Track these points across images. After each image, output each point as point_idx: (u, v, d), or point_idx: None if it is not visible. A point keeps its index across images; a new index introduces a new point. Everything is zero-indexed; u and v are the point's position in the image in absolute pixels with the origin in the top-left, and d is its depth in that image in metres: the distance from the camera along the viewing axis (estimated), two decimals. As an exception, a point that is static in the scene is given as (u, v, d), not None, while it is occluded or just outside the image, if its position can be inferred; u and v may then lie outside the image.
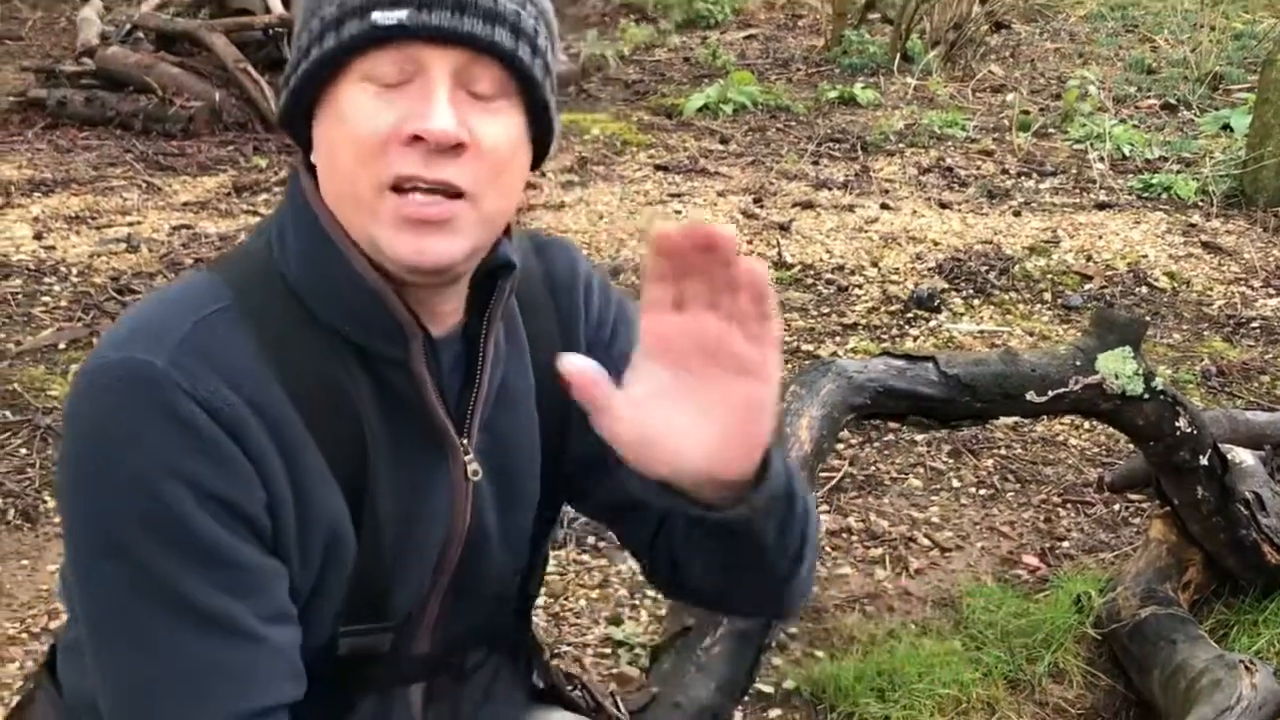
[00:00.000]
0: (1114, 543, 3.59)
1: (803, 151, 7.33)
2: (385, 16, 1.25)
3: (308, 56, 1.31)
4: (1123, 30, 10.64)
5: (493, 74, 1.29)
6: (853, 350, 4.61)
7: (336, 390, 1.35)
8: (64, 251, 5.34)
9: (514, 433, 1.52)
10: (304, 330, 1.34)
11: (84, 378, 1.29)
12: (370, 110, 1.27)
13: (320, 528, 1.35)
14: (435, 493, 1.44)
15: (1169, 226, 6.11)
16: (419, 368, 1.37)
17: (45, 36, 10.92)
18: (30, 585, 3.21)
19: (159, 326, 1.29)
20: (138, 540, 1.25)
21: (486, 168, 1.29)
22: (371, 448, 1.38)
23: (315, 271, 1.35)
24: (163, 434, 1.24)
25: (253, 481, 1.29)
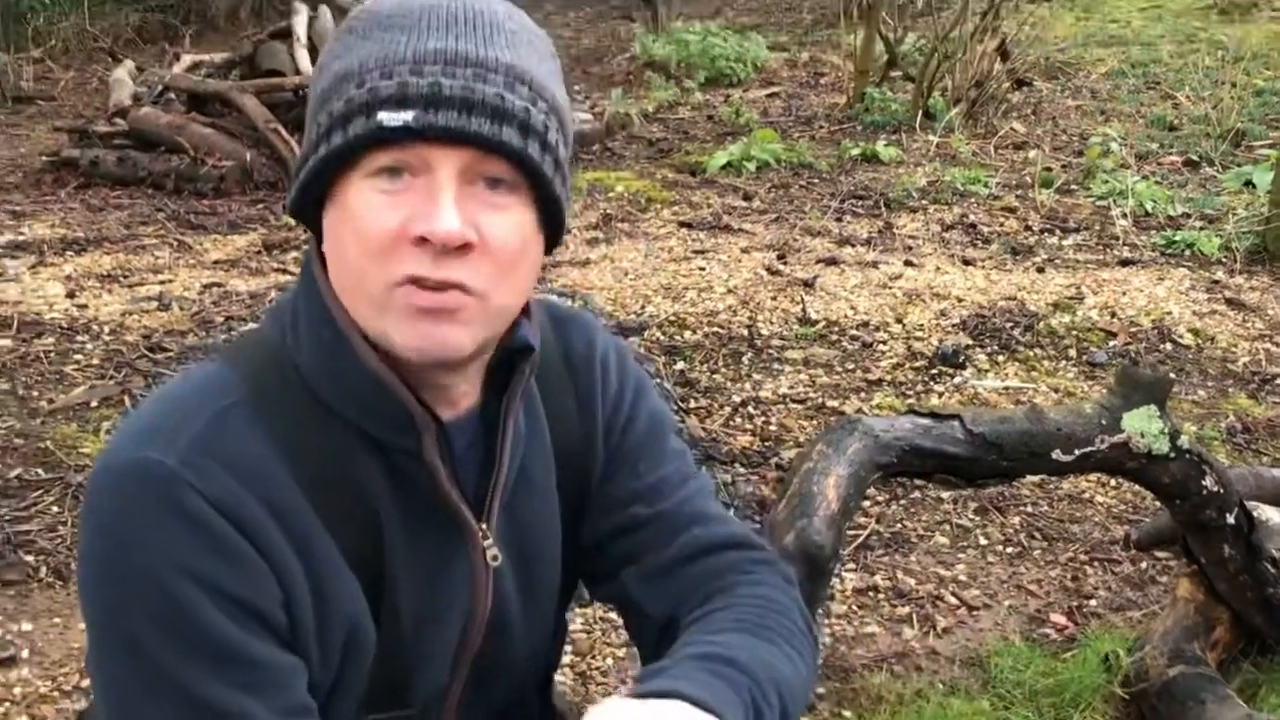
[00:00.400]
0: (1141, 601, 3.58)
1: (826, 208, 7.38)
2: (391, 117, 1.25)
3: (316, 151, 1.31)
4: (1144, 87, 10.67)
5: (501, 171, 1.29)
6: (878, 407, 4.63)
7: (351, 481, 1.36)
8: (96, 310, 5.40)
9: (534, 515, 1.53)
10: (317, 421, 1.35)
11: (99, 476, 1.30)
12: (377, 209, 1.27)
13: (339, 621, 1.36)
14: (455, 580, 1.45)
15: (1193, 283, 6.12)
16: (432, 458, 1.37)
17: (78, 97, 11.08)
18: (62, 643, 3.23)
19: (172, 424, 1.30)
20: (150, 637, 1.25)
21: (495, 265, 1.29)
22: (388, 538, 1.38)
23: (326, 362, 1.35)
24: (175, 533, 1.25)
25: (267, 579, 1.29)
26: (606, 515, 1.58)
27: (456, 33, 1.28)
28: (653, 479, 1.59)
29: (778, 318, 5.50)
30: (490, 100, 1.26)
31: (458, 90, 1.25)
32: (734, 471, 4.20)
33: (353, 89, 1.28)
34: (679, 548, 1.55)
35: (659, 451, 1.62)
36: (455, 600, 1.45)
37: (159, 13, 14.43)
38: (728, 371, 4.98)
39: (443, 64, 1.26)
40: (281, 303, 1.44)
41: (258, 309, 5.44)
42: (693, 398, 4.74)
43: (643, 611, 1.56)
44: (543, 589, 1.57)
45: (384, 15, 1.31)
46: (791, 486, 2.63)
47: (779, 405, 4.69)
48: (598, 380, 1.59)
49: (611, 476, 1.59)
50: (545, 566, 1.56)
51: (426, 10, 1.30)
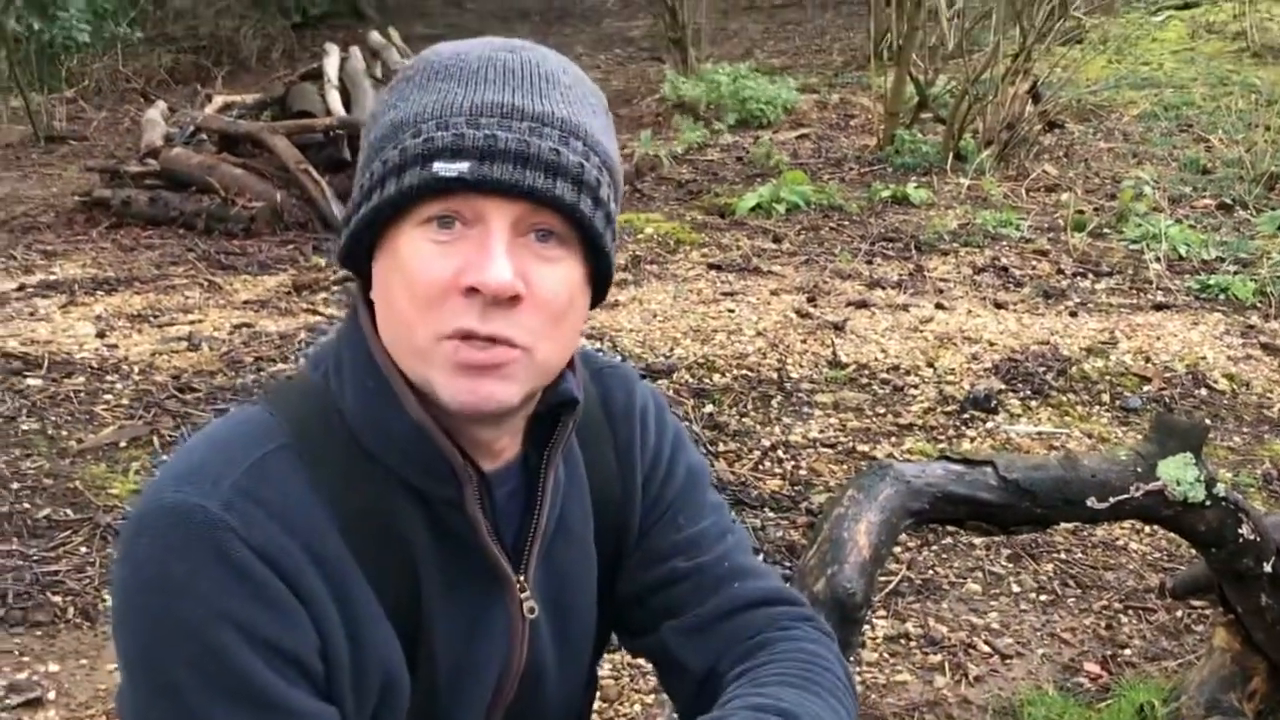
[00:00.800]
0: (1177, 650, 3.53)
1: (856, 251, 7.36)
2: (446, 168, 1.25)
3: (369, 200, 1.31)
4: (1176, 130, 10.63)
5: (553, 223, 1.29)
6: (909, 452, 4.59)
7: (391, 530, 1.35)
8: (126, 350, 5.41)
9: (571, 566, 1.52)
10: (359, 468, 1.34)
11: (139, 518, 1.29)
12: (428, 259, 1.27)
13: (375, 670, 1.35)
14: (491, 631, 1.44)
15: (1227, 328, 6.07)
16: (473, 510, 1.37)
17: (110, 137, 11.18)
18: (88, 685, 3.22)
19: (214, 468, 1.29)
20: (189, 684, 1.24)
21: (543, 318, 1.29)
22: (426, 587, 1.38)
23: (370, 410, 1.35)
24: (216, 579, 1.24)
25: (306, 627, 1.29)
26: (645, 569, 1.57)
27: (513, 86, 1.29)
28: (692, 532, 1.58)
29: (807, 361, 5.47)
30: (545, 154, 1.26)
31: (513, 143, 1.25)
32: (763, 516, 4.17)
33: (408, 138, 1.28)
34: (719, 603, 1.54)
35: (698, 504, 1.61)
36: (492, 651, 1.45)
37: (191, 54, 14.59)
38: (757, 415, 4.95)
39: (499, 116, 1.27)
40: (324, 348, 1.44)
41: (287, 349, 5.45)
42: (721, 441, 4.71)
43: (682, 666, 1.54)
44: (577, 640, 1.56)
45: (440, 66, 1.32)
46: (822, 532, 2.60)
47: (809, 449, 4.66)
48: (637, 432, 1.59)
49: (650, 529, 1.58)
50: (581, 618, 1.55)
51: (484, 63, 1.30)
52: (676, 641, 1.54)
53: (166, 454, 4.42)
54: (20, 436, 4.51)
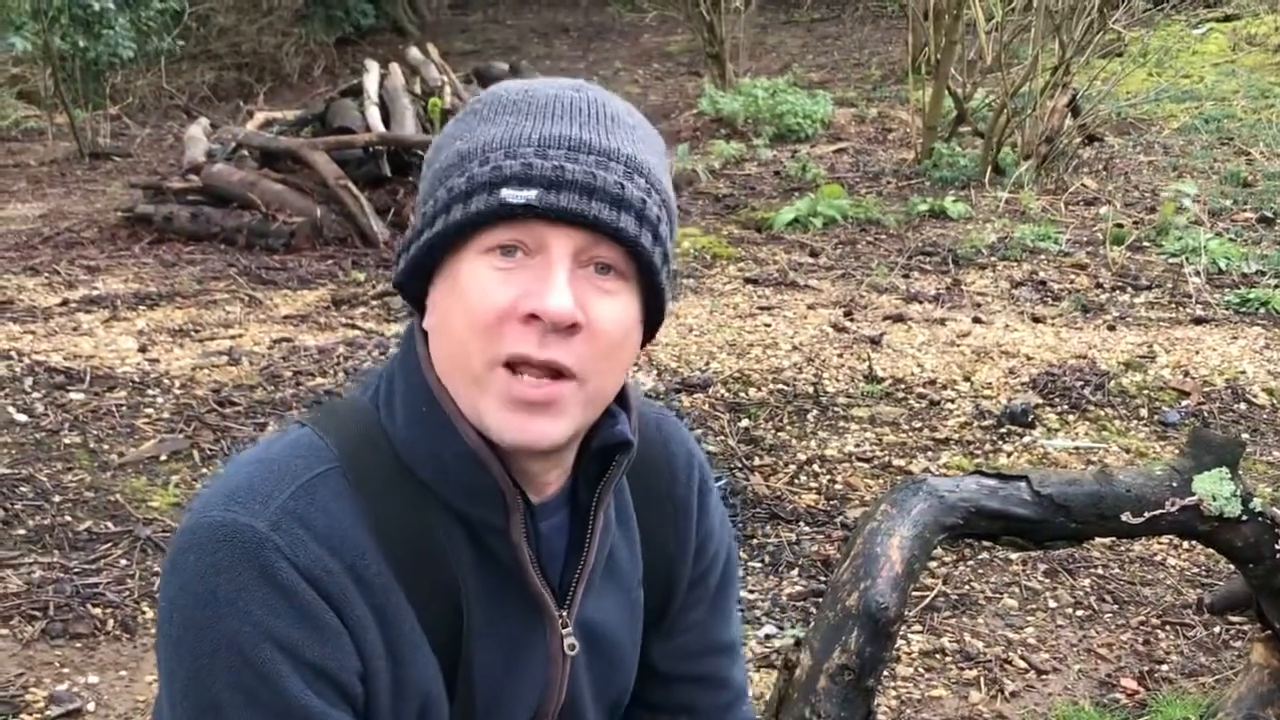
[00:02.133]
0: (1215, 666, 3.51)
1: (893, 265, 7.35)
2: (515, 195, 1.27)
3: (432, 226, 1.33)
4: (1217, 143, 10.56)
5: (613, 256, 1.31)
6: (945, 466, 4.58)
7: (437, 556, 1.37)
8: (167, 364, 5.46)
9: (616, 609, 1.54)
10: (407, 495, 1.36)
11: (187, 535, 1.31)
12: (489, 285, 1.29)
13: (414, 695, 1.37)
14: (531, 664, 1.45)
15: (1268, 342, 6.02)
16: (518, 538, 1.38)
17: (153, 153, 11.29)
18: (128, 696, 3.25)
19: (264, 489, 1.31)
20: (231, 703, 1.26)
21: (599, 349, 1.31)
22: (468, 615, 1.39)
23: (421, 437, 1.36)
24: (262, 599, 1.26)
25: (348, 650, 1.30)
26: (679, 652, 1.65)
27: (581, 122, 1.32)
28: (729, 637, 1.70)
29: (844, 375, 5.47)
30: (611, 187, 1.29)
31: (580, 174, 1.28)
32: (798, 530, 4.17)
33: (475, 166, 1.31)
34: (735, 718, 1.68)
35: (733, 597, 1.71)
36: (530, 684, 1.46)
37: (234, 70, 14.72)
38: (792, 429, 4.96)
39: (567, 149, 1.29)
40: (375, 373, 1.46)
41: (325, 364, 5.48)
42: (757, 455, 4.71)
43: None
44: (617, 682, 1.58)
45: (509, 101, 1.35)
46: (855, 547, 2.60)
47: (844, 464, 4.66)
48: (695, 496, 1.62)
49: (691, 607, 1.64)
50: (622, 661, 1.57)
51: (552, 99, 1.34)
52: None
53: (207, 468, 4.46)
54: (62, 450, 4.56)
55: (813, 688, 2.46)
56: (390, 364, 1.44)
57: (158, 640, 1.33)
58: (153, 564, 3.83)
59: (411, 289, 1.40)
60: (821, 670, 2.47)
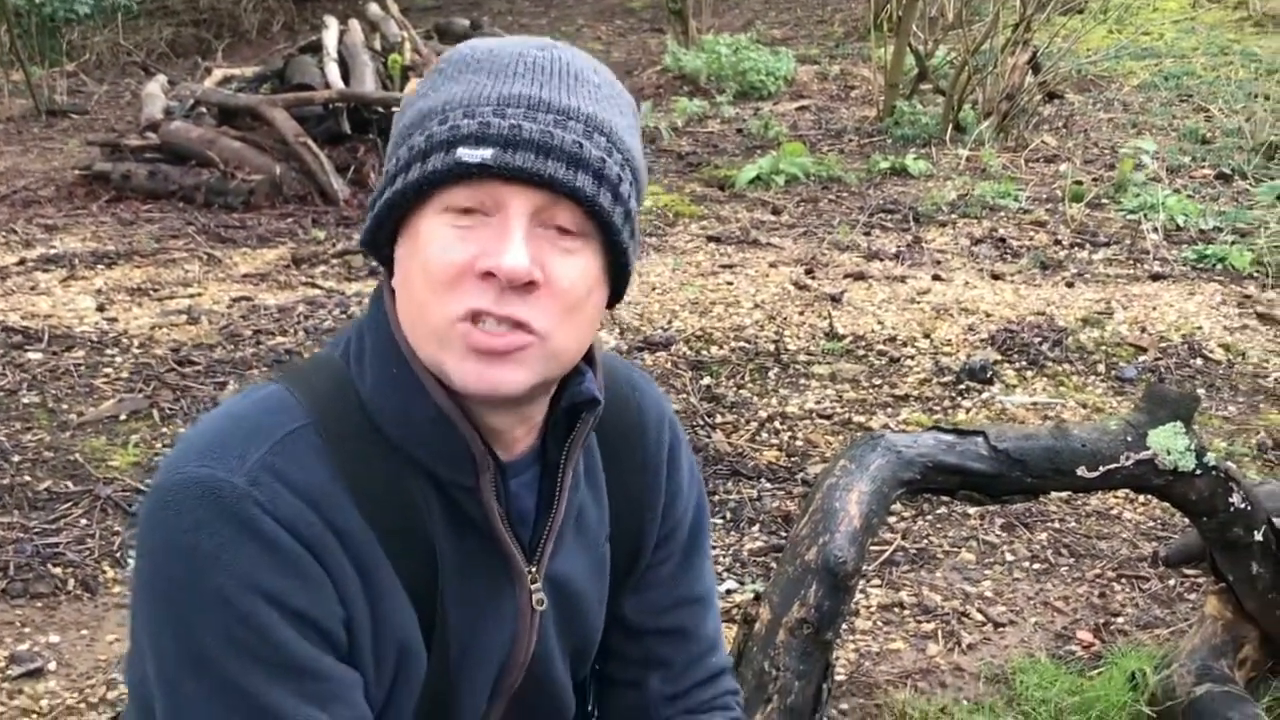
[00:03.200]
0: (1169, 619, 3.56)
1: (854, 222, 7.36)
2: (471, 154, 1.28)
3: (393, 184, 1.33)
4: (1176, 100, 10.61)
5: (572, 215, 1.32)
6: (904, 422, 4.61)
7: (410, 511, 1.38)
8: (126, 323, 5.43)
9: (584, 565, 1.56)
10: (378, 451, 1.37)
11: (163, 492, 1.31)
12: (448, 243, 1.30)
13: (393, 643, 1.38)
14: (500, 618, 1.47)
15: (1224, 298, 6.08)
16: (488, 497, 1.40)
17: (110, 111, 11.17)
18: (89, 655, 3.25)
19: (238, 445, 1.31)
20: (224, 656, 1.27)
21: (558, 307, 1.32)
22: (442, 571, 1.41)
23: (390, 396, 1.37)
24: (247, 552, 1.27)
25: (332, 598, 1.32)
26: (649, 606, 1.66)
27: (542, 80, 1.32)
28: (700, 590, 1.70)
29: (805, 333, 5.49)
30: (568, 147, 1.29)
31: (536, 134, 1.28)
32: (760, 487, 4.19)
33: (435, 125, 1.31)
34: (700, 672, 1.70)
35: (704, 552, 1.72)
36: (499, 638, 1.48)
37: (191, 27, 14.56)
38: (754, 386, 4.98)
39: (525, 108, 1.30)
40: (346, 330, 1.47)
41: (285, 323, 5.46)
42: (719, 413, 4.73)
43: (647, 709, 1.68)
44: (585, 637, 1.61)
45: (472, 60, 1.36)
46: (814, 502, 2.62)
47: (805, 421, 4.68)
48: (664, 455, 1.64)
49: (660, 563, 1.66)
50: (589, 616, 1.59)
51: (515, 58, 1.34)
52: (659, 692, 1.67)
53: (166, 427, 4.44)
54: (21, 409, 4.53)
55: (772, 641, 2.49)
56: (360, 321, 1.45)
57: (136, 599, 1.34)
58: (113, 523, 3.82)
59: (378, 247, 1.40)
60: (780, 624, 2.49)
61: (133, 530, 3.80)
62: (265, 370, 4.94)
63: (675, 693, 1.67)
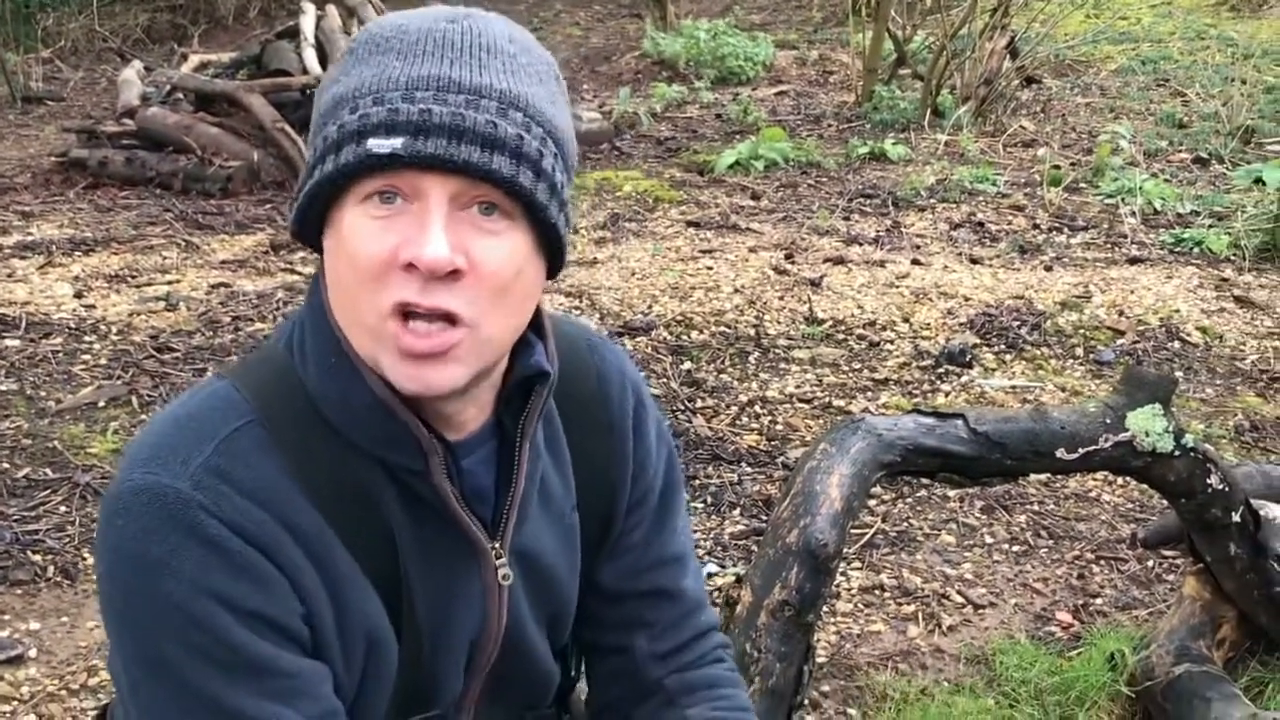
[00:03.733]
0: (1148, 600, 3.58)
1: (834, 207, 7.37)
2: (380, 144, 1.24)
3: (311, 176, 1.31)
4: (1154, 85, 10.65)
5: (494, 196, 1.28)
6: (884, 406, 4.63)
7: (364, 499, 1.37)
8: (104, 310, 5.41)
9: (551, 537, 1.55)
10: (327, 440, 1.36)
11: (113, 501, 1.31)
12: (368, 235, 1.27)
13: (360, 633, 1.38)
14: (467, 596, 1.47)
15: (1201, 281, 6.11)
16: (439, 480, 1.38)
17: (86, 97, 11.10)
18: (70, 642, 3.24)
19: (183, 449, 1.31)
20: (182, 661, 1.28)
21: (486, 291, 1.29)
22: (403, 555, 1.40)
23: (332, 385, 1.36)
24: (194, 557, 1.27)
25: (288, 595, 1.31)
26: (627, 571, 1.65)
27: (451, 58, 1.28)
28: (677, 549, 1.69)
29: (785, 317, 5.50)
30: (481, 128, 1.25)
31: (448, 117, 1.25)
32: (740, 471, 4.20)
33: (346, 114, 1.28)
34: (686, 631, 1.69)
35: (679, 513, 1.70)
36: (467, 617, 1.47)
37: (168, 12, 14.46)
38: (734, 371, 4.98)
39: (434, 90, 1.26)
40: (289, 320, 1.45)
41: (264, 309, 5.45)
42: (699, 397, 4.74)
43: (640, 674, 1.67)
44: (559, 608, 1.60)
45: (381, 39, 1.31)
46: (795, 485, 2.63)
47: (785, 405, 4.69)
48: (630, 420, 1.62)
49: (634, 528, 1.65)
50: (561, 587, 1.58)
51: (423, 34, 1.29)
52: (646, 653, 1.66)
53: (145, 414, 4.42)
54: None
55: (753, 623, 2.50)
56: (300, 311, 1.43)
57: (101, 604, 1.35)
58: (92, 510, 3.81)
59: (309, 237, 1.37)
60: (762, 606, 2.50)
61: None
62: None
63: (664, 651, 1.66)
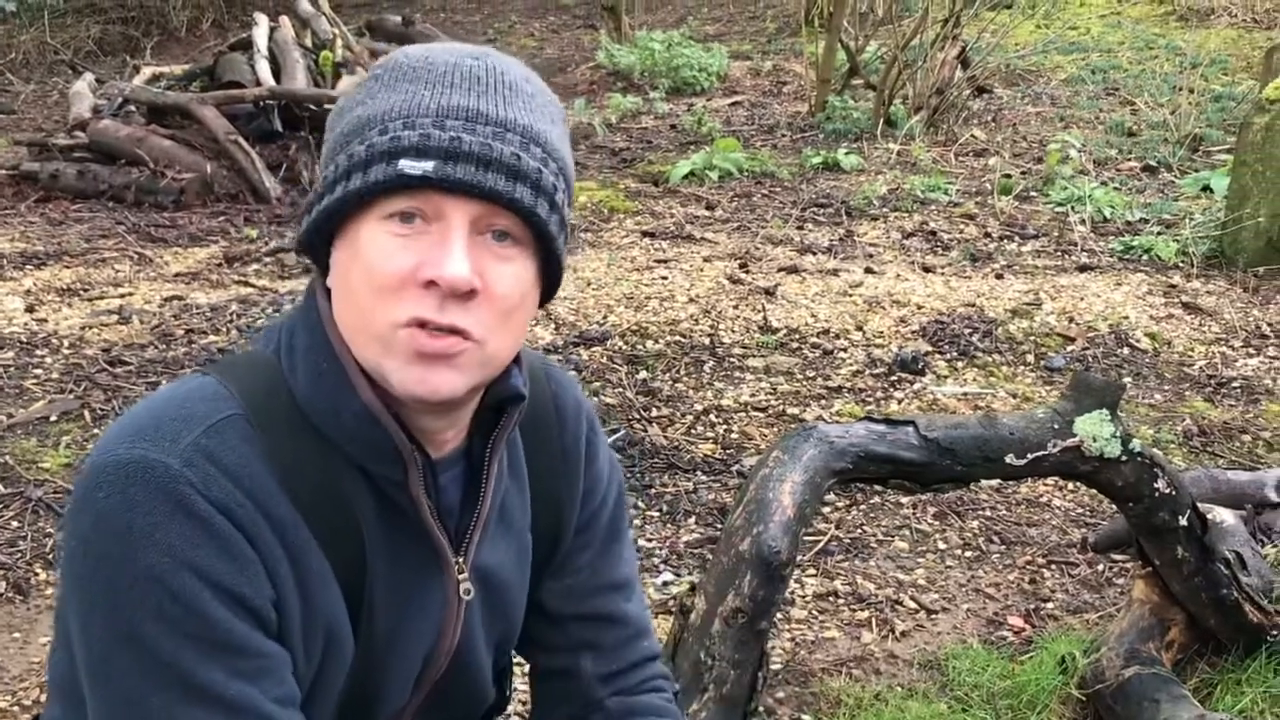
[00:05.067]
0: (1098, 603, 3.61)
1: (787, 217, 7.41)
2: (412, 166, 1.30)
3: (332, 191, 1.35)
4: (1103, 94, 10.76)
5: (510, 224, 1.35)
6: (838, 413, 4.65)
7: (340, 502, 1.40)
8: (56, 324, 5.38)
9: (508, 555, 1.59)
10: (309, 444, 1.39)
11: (95, 472, 1.31)
12: (389, 251, 1.32)
13: (321, 628, 1.41)
14: (427, 607, 1.50)
15: (1150, 288, 6.18)
16: (416, 491, 1.42)
17: (38, 110, 11.03)
18: (22, 658, 3.22)
19: (171, 429, 1.32)
20: (154, 632, 1.28)
21: (495, 313, 1.35)
22: (370, 560, 1.43)
23: (321, 393, 1.39)
24: (179, 531, 1.28)
25: (262, 578, 1.34)
26: (573, 593, 1.69)
27: (479, 91, 1.34)
28: (625, 573, 1.74)
29: (739, 326, 5.52)
30: (507, 159, 1.32)
31: (476, 146, 1.31)
32: (696, 479, 4.22)
33: (375, 135, 1.33)
34: (634, 655, 1.73)
35: (624, 538, 1.75)
36: (424, 627, 1.50)
37: (119, 24, 14.38)
38: (689, 380, 5.00)
39: (464, 120, 1.32)
40: (277, 326, 1.48)
41: (218, 321, 5.43)
42: (654, 406, 4.75)
43: (586, 694, 1.70)
44: (508, 623, 1.64)
45: (409, 67, 1.37)
46: (748, 493, 2.65)
47: (740, 413, 4.71)
48: (582, 445, 1.67)
49: (580, 549, 1.69)
50: (512, 606, 1.63)
51: (451, 67, 1.36)
52: (592, 674, 1.70)
53: (98, 428, 4.40)
54: (-51, 412, 4.48)
55: (707, 631, 2.51)
56: (292, 318, 1.46)
57: (65, 584, 1.34)
58: (45, 525, 3.78)
59: (313, 249, 1.42)
60: (716, 614, 2.52)
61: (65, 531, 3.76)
62: (198, 369, 4.89)
63: (609, 673, 1.70)
